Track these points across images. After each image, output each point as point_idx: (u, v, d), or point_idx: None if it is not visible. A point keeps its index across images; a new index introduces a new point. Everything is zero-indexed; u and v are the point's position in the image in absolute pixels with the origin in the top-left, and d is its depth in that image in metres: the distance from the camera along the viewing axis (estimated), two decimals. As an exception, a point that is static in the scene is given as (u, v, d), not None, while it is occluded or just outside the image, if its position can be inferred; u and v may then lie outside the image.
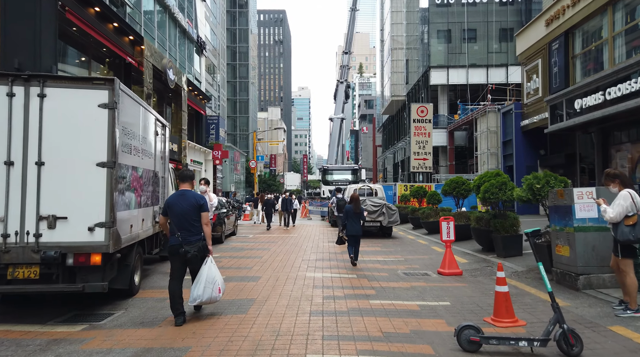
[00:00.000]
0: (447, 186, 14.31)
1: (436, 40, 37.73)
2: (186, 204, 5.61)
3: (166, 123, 9.50)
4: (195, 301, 5.61)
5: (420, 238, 16.13)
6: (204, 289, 5.56)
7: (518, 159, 23.02)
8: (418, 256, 11.64)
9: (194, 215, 5.61)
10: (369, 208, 16.17)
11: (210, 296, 5.62)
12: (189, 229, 5.58)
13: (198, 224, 5.65)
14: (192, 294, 5.60)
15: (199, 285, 5.57)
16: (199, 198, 5.75)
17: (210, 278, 5.63)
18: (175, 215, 5.59)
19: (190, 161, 25.13)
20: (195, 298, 5.59)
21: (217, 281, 5.71)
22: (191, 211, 5.60)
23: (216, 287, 5.68)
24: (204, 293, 5.56)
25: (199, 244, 5.62)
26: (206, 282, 5.59)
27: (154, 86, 20.82)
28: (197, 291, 5.56)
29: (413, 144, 25.51)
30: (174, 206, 5.63)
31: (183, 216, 5.57)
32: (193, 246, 5.56)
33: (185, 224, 5.57)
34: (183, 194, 5.71)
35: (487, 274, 8.97)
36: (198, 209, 5.65)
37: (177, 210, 5.60)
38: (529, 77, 22.10)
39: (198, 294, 5.56)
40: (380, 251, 12.62)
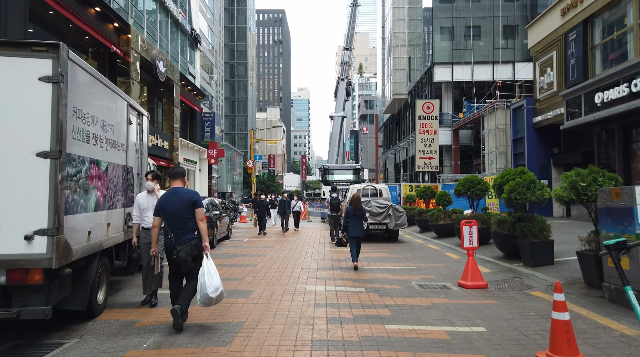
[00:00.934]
0: (460, 185, 13.03)
1: (440, 36, 36.48)
2: (179, 202, 5.35)
3: (144, 112, 8.20)
4: (218, 290, 5.28)
5: (430, 243, 14.84)
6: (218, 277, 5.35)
7: (530, 158, 21.75)
8: (432, 264, 10.35)
9: (188, 213, 5.36)
10: (374, 210, 14.89)
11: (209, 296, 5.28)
12: (182, 228, 5.33)
13: (192, 222, 5.39)
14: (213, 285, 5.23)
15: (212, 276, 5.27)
16: (192, 194, 5.49)
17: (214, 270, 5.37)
18: (169, 214, 5.34)
19: (184, 160, 23.84)
20: (217, 287, 5.28)
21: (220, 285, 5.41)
22: (185, 209, 5.35)
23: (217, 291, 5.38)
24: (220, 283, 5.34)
25: (191, 243, 5.32)
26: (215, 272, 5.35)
27: (143, 79, 19.54)
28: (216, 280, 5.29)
29: (418, 142, 24.21)
30: (166, 206, 5.36)
31: (177, 214, 5.34)
32: (185, 246, 5.28)
33: (179, 223, 5.33)
34: (175, 192, 5.45)
35: (517, 287, 7.68)
36: (192, 205, 5.39)
37: (170, 209, 5.34)
38: (543, 71, 20.84)
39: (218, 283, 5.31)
40: (388, 258, 11.33)
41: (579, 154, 19.61)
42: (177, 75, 21.04)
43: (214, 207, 14.70)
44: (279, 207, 18.91)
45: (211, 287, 5.21)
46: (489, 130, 27.27)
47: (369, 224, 14.94)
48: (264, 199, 19.50)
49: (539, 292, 7.16)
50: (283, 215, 18.67)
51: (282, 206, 18.65)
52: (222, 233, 15.06)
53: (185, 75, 25.19)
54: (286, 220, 18.76)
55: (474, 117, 30.22)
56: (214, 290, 5.23)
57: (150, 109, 20.91)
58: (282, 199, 19.01)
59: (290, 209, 18.92)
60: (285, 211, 18.60)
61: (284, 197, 19.04)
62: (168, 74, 19.70)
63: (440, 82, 35.69)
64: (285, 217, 18.71)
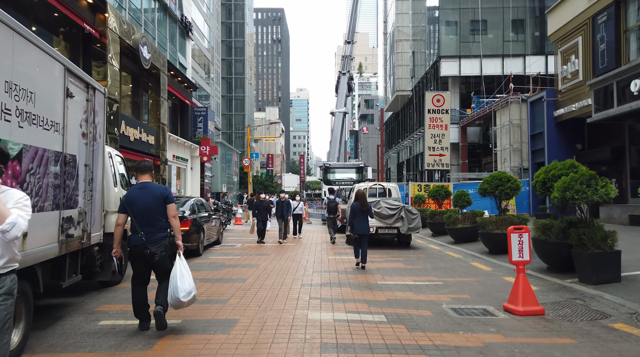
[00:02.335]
0: (487, 183, 11.19)
1: (446, 29, 34.68)
2: (150, 197, 5.00)
3: (97, 85, 6.34)
4: (190, 294, 4.92)
5: (448, 249, 12.99)
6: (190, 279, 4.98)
7: (550, 155, 19.90)
8: (460, 278, 8.51)
9: (159, 208, 5.01)
10: (384, 212, 13.06)
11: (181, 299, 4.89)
12: (154, 225, 4.96)
13: (164, 219, 5.03)
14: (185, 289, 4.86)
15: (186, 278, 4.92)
16: (162, 189, 5.16)
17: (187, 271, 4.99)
18: (138, 211, 4.96)
19: (173, 157, 21.99)
20: (190, 291, 4.92)
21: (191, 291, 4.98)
22: (156, 204, 5.00)
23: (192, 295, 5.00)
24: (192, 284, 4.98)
25: (165, 242, 4.98)
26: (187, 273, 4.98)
27: (126, 67, 17.71)
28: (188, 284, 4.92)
29: (427, 137, 22.36)
30: (135, 201, 4.99)
31: (147, 210, 4.96)
32: (159, 245, 4.92)
33: (150, 220, 4.95)
34: (145, 187, 5.08)
35: (585, 314, 5.85)
36: (163, 201, 5.05)
37: (140, 205, 4.96)
38: (565, 59, 19.02)
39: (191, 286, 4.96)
40: (405, 270, 9.48)
41: (607, 151, 17.80)
42: (164, 64, 19.19)
43: (202, 208, 12.86)
44: (276, 209, 15.39)
45: (183, 292, 4.85)
46: (501, 126, 25.47)
47: (378, 228, 13.14)
48: (265, 198, 16.12)
49: (623, 325, 5.32)
50: (281, 219, 15.16)
51: (280, 209, 15.18)
52: (210, 238, 13.21)
53: (174, 65, 23.33)
54: (285, 225, 15.23)
55: (484, 113, 28.42)
56: (186, 294, 4.87)
57: (135, 101, 19.08)
58: (280, 200, 15.54)
59: (289, 212, 15.44)
60: (283, 214, 15.13)
61: (281, 198, 15.62)
62: (154, 61, 17.85)
63: (447, 77, 33.88)
64: (284, 222, 15.19)
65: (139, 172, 5.23)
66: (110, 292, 7.20)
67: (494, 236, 10.96)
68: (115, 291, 7.29)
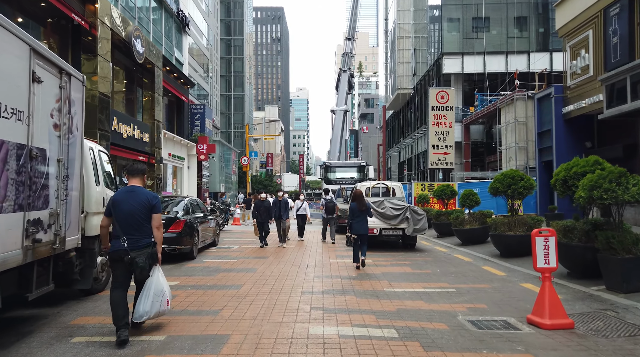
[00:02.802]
0: (498, 182, 10.53)
1: (449, 25, 34.01)
2: (136, 203, 4.80)
3: (73, 71, 5.68)
4: (141, 317, 4.78)
5: (455, 251, 12.34)
6: (152, 304, 4.79)
7: (559, 153, 19.26)
8: (473, 284, 7.86)
9: (144, 215, 4.80)
10: (388, 212, 12.41)
11: (158, 310, 4.87)
12: (137, 231, 4.75)
13: (148, 226, 4.83)
14: (138, 310, 4.77)
15: (147, 299, 4.77)
16: (151, 197, 4.93)
17: (159, 290, 4.86)
18: (123, 215, 4.74)
19: (169, 155, 21.31)
20: (142, 315, 4.76)
21: (166, 292, 4.95)
22: (141, 211, 4.79)
23: (164, 299, 4.93)
24: (152, 308, 4.80)
25: (148, 250, 4.77)
26: (154, 296, 4.81)
27: (119, 62, 17.07)
28: (144, 307, 4.76)
29: (431, 135, 21.69)
30: (121, 204, 4.78)
31: (132, 216, 4.75)
32: (142, 252, 4.72)
33: (134, 226, 4.74)
34: (133, 191, 4.90)
35: (620, 328, 5.21)
36: (149, 209, 4.85)
37: (125, 209, 4.75)
38: (575, 54, 18.36)
39: (145, 310, 4.76)
40: (413, 275, 8.83)
41: (619, 148, 17.13)
42: (159, 59, 18.52)
43: (196, 209, 12.20)
44: (275, 210, 13.98)
45: (136, 314, 4.80)
46: (507, 123, 24.81)
47: (382, 229, 12.50)
48: (266, 198, 14.34)
49: (669, 342, 4.67)
50: (279, 220, 13.90)
51: (278, 209, 13.88)
52: (206, 240, 12.55)
53: (170, 60, 22.65)
54: (283, 227, 13.92)
55: (488, 110, 27.75)
56: (137, 317, 4.80)
57: (129, 97, 18.42)
58: (277, 200, 14.22)
59: (287, 213, 14.16)
60: (281, 215, 13.85)
61: (279, 197, 14.24)
62: (148, 56, 17.18)
63: (450, 74, 33.21)
64: (281, 224, 13.90)
65: (130, 175, 5.06)
66: (91, 302, 6.54)
67: (506, 238, 10.32)
68: (96, 300, 6.64)
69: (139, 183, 5.05)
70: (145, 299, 4.77)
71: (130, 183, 5.04)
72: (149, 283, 4.82)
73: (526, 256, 10.26)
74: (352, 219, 9.46)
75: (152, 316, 4.85)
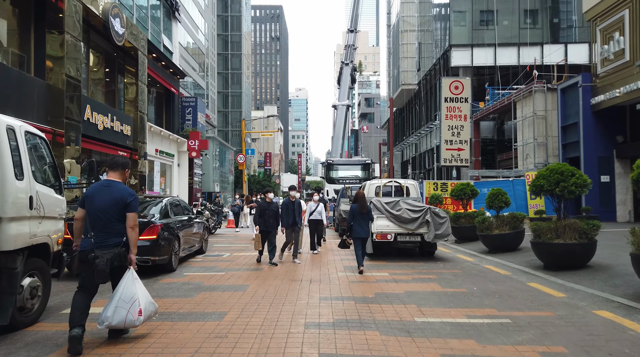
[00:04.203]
0: (543, 178, 8.63)
1: (458, 15, 32.19)
2: (109, 199, 4.43)
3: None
4: (102, 323, 4.39)
5: (485, 261, 10.46)
6: (115, 310, 4.35)
7: (586, 148, 17.42)
8: (530, 312, 5.98)
9: (116, 213, 4.43)
10: (405, 214, 10.54)
11: (123, 319, 4.35)
12: (106, 229, 4.40)
13: (120, 226, 4.46)
14: (101, 315, 4.41)
15: (111, 304, 4.39)
16: (126, 194, 4.50)
17: (127, 296, 4.39)
18: (93, 210, 4.41)
19: (156, 151, 19.41)
20: (102, 320, 4.39)
21: (138, 300, 4.42)
22: (113, 208, 4.43)
23: (135, 308, 4.39)
24: (115, 315, 4.35)
25: (115, 250, 4.37)
26: (119, 301, 4.37)
27: (98, 46, 15.19)
28: (106, 312, 4.37)
29: (444, 129, 19.83)
30: (93, 199, 4.46)
31: (102, 212, 4.41)
32: (108, 251, 4.33)
33: (105, 223, 4.40)
34: (108, 186, 4.53)
35: None
36: (123, 208, 4.44)
37: (95, 204, 4.42)
38: (606, 38, 16.51)
39: (106, 316, 4.36)
40: (445, 295, 6.94)
41: (658, 143, 15.31)
42: (144, 44, 16.61)
43: (179, 211, 10.31)
44: (284, 214, 10.43)
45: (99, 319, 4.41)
46: (523, 118, 22.97)
47: (397, 235, 10.63)
48: (272, 199, 10.36)
49: None
50: (291, 229, 10.45)
51: (291, 213, 10.41)
52: (191, 247, 10.67)
53: (158, 47, 20.76)
54: (296, 237, 10.59)
55: (501, 105, 25.92)
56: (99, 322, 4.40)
57: (110, 86, 16.53)
58: (289, 201, 10.60)
59: (301, 218, 10.89)
60: (295, 220, 10.43)
61: (291, 198, 10.68)
62: (130, 39, 15.28)
63: (458, 67, 31.39)
64: (295, 233, 10.54)
65: (109, 168, 4.68)
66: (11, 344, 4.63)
67: (553, 247, 8.44)
68: (15, 343, 4.72)
69: (118, 178, 4.65)
70: (109, 303, 4.40)
71: (108, 177, 4.64)
72: (117, 287, 4.45)
73: (580, 270, 8.41)
74: (353, 221, 8.99)
75: (115, 324, 4.39)
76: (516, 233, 11.12)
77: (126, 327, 4.52)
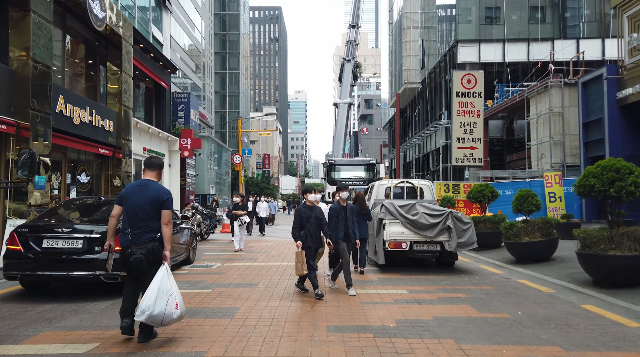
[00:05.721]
0: (593, 177, 7.18)
1: (464, 10, 30.83)
2: (145, 197, 4.64)
3: None
4: (143, 313, 4.35)
5: (516, 274, 8.98)
6: (156, 300, 4.35)
7: (613, 147, 16.01)
8: (607, 351, 4.52)
9: (152, 211, 4.65)
10: (422, 220, 9.09)
11: (163, 310, 4.37)
12: (142, 226, 4.62)
13: (156, 223, 4.66)
14: (140, 306, 4.39)
15: (150, 294, 4.38)
16: (162, 192, 4.74)
17: (165, 288, 4.45)
18: (130, 208, 4.67)
19: (144, 150, 17.91)
20: (143, 310, 4.34)
21: (174, 294, 4.54)
22: (149, 206, 4.64)
23: (173, 300, 4.49)
24: (156, 305, 4.34)
25: (149, 246, 4.55)
26: (158, 292, 4.38)
27: (77, 32, 13.76)
28: (145, 302, 4.36)
29: (456, 126, 18.41)
30: (130, 197, 4.70)
31: (139, 209, 4.63)
32: (142, 246, 4.53)
33: (141, 220, 4.62)
34: (145, 184, 4.76)
35: None
36: (159, 205, 4.67)
37: (132, 202, 4.66)
38: (635, 26, 15.11)
39: (148, 305, 4.33)
40: (485, 322, 5.47)
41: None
42: (129, 32, 15.16)
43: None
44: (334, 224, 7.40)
45: (138, 309, 4.40)
46: (538, 115, 21.56)
47: (413, 243, 9.20)
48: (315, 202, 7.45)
49: None
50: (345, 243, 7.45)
51: (342, 223, 7.48)
52: (173, 258, 9.17)
53: (146, 38, 19.29)
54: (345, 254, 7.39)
55: (512, 102, 24.51)
56: (139, 313, 4.39)
57: (90, 78, 15.07)
58: (340, 205, 7.60)
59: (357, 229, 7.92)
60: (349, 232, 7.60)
61: (341, 202, 7.72)
62: (113, 25, 13.84)
63: (465, 64, 29.96)
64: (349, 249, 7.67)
65: (146, 168, 4.97)
66: None
67: (608, 260, 6.98)
68: None
69: (154, 177, 4.87)
70: (147, 296, 4.39)
71: (144, 176, 4.94)
72: (154, 280, 4.46)
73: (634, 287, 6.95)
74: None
75: (156, 314, 4.34)
76: (549, 241, 9.69)
77: (164, 320, 4.43)
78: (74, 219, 7.69)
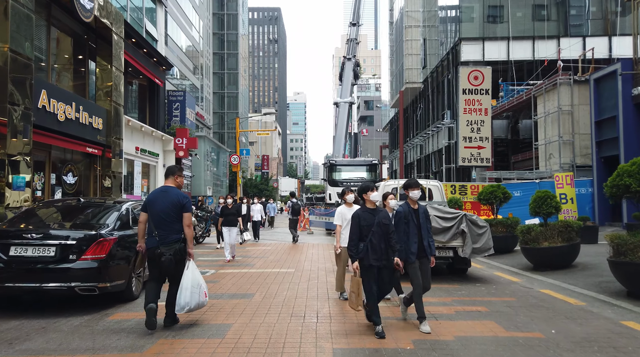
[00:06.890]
0: (626, 176, 6.41)
1: (468, 7, 30.11)
2: (168, 202, 5.18)
3: None
4: (184, 309, 5.08)
5: (536, 283, 8.22)
6: (192, 295, 5.10)
7: (628, 146, 15.27)
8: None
9: (174, 213, 5.17)
10: (434, 223, 8.30)
11: (198, 301, 5.19)
12: (167, 228, 5.14)
13: (179, 224, 5.20)
14: (179, 303, 5.07)
15: (185, 291, 5.08)
16: (181, 197, 5.27)
17: (195, 282, 5.19)
18: (155, 213, 5.17)
19: (136, 150, 17.13)
20: (183, 306, 5.06)
21: (202, 285, 5.28)
22: (172, 209, 5.16)
23: (202, 290, 5.26)
24: (192, 299, 5.10)
25: (176, 246, 5.13)
26: (192, 288, 5.12)
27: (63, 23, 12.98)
28: (184, 298, 5.06)
29: (462, 125, 17.65)
30: (154, 203, 5.22)
31: (164, 213, 5.15)
32: (170, 247, 5.10)
33: (166, 223, 5.14)
34: (165, 191, 5.32)
35: None
36: (180, 208, 5.19)
37: (157, 207, 5.18)
38: (652, 18, 14.39)
39: (186, 302, 5.06)
40: (515, 343, 4.71)
41: None
42: (119, 25, 14.40)
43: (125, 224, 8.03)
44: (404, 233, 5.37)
45: (178, 306, 5.12)
46: (546, 114, 20.82)
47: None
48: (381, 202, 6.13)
49: None
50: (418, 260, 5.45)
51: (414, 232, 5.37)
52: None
53: (139, 32, 18.53)
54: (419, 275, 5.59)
55: (518, 101, 23.78)
56: (179, 309, 5.11)
57: (79, 76, 14.32)
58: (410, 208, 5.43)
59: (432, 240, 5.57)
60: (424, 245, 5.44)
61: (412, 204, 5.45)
62: (102, 16, 13.08)
63: (468, 62, 29.16)
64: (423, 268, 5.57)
65: (165, 177, 5.53)
66: None
67: (646, 268, 6.22)
68: None
69: (171, 183, 5.39)
70: (185, 291, 5.05)
71: (165, 183, 5.45)
72: (185, 277, 5.11)
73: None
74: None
75: (193, 307, 5.13)
76: (571, 246, 8.95)
77: (199, 308, 5.31)
78: (50, 223, 6.91)
